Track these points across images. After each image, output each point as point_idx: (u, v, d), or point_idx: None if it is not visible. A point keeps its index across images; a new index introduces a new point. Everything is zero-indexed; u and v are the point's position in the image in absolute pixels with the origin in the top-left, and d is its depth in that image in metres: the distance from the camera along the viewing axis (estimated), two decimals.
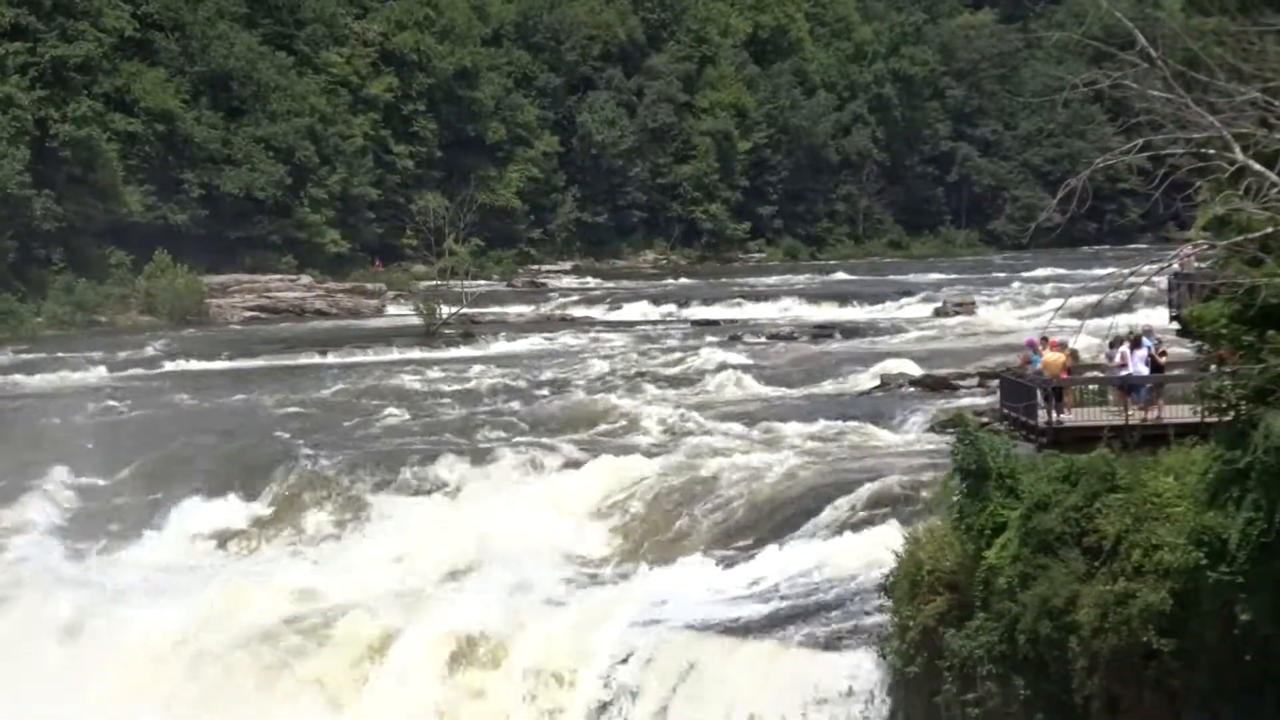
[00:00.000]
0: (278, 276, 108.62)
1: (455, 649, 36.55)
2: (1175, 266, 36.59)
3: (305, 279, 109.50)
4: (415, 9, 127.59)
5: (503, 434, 51.46)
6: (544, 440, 49.61)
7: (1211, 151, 24.94)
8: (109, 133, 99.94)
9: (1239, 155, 24.35)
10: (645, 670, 34.84)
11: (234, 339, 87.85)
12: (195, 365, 75.41)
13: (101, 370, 73.19)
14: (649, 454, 47.37)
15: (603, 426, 52.44)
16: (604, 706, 34.71)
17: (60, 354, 78.56)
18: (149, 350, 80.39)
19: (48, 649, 39.10)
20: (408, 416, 56.17)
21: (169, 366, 75.35)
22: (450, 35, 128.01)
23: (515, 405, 57.43)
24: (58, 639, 39.21)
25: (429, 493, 46.14)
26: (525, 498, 44.72)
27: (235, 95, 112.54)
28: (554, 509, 43.96)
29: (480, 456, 48.06)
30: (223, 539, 45.14)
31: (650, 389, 60.87)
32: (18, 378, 70.73)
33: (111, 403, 62.58)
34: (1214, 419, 27.90)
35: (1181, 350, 39.23)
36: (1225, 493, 26.38)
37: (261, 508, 46.36)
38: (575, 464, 46.48)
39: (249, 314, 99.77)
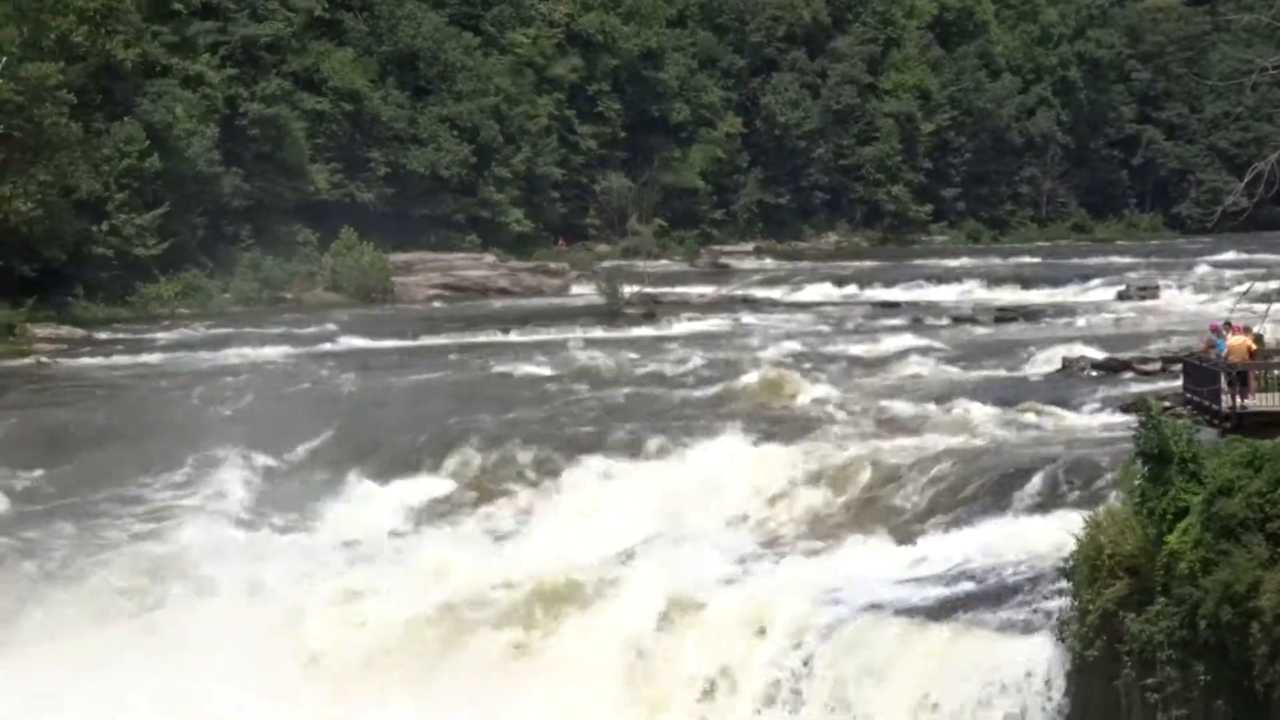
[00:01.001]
0: (462, 255, 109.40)
1: (641, 617, 36.99)
2: None
3: (489, 258, 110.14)
4: None
5: (688, 411, 51.61)
6: (728, 419, 49.70)
7: None
8: (297, 111, 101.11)
9: None
10: (822, 645, 35.06)
11: (419, 317, 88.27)
12: (381, 343, 75.63)
13: (286, 347, 73.73)
14: (831, 434, 47.28)
15: (785, 407, 52.46)
16: (779, 682, 34.97)
17: (247, 329, 79.30)
18: (333, 327, 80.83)
19: (235, 613, 39.72)
20: (591, 393, 56.25)
21: (355, 344, 75.65)
22: (635, 16, 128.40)
23: (699, 384, 57.38)
24: (246, 603, 39.71)
25: (615, 467, 46.13)
26: (709, 474, 44.81)
27: (422, 75, 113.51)
28: (738, 485, 44.08)
29: (666, 433, 48.19)
30: (402, 516, 45.44)
31: (832, 369, 60.89)
32: (204, 353, 71.48)
33: (298, 379, 63.05)
34: None
35: None
36: None
37: (441, 484, 46.58)
38: (759, 442, 46.33)
39: (433, 292, 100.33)
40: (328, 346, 74.77)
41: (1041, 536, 36.64)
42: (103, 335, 78.27)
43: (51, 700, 36.94)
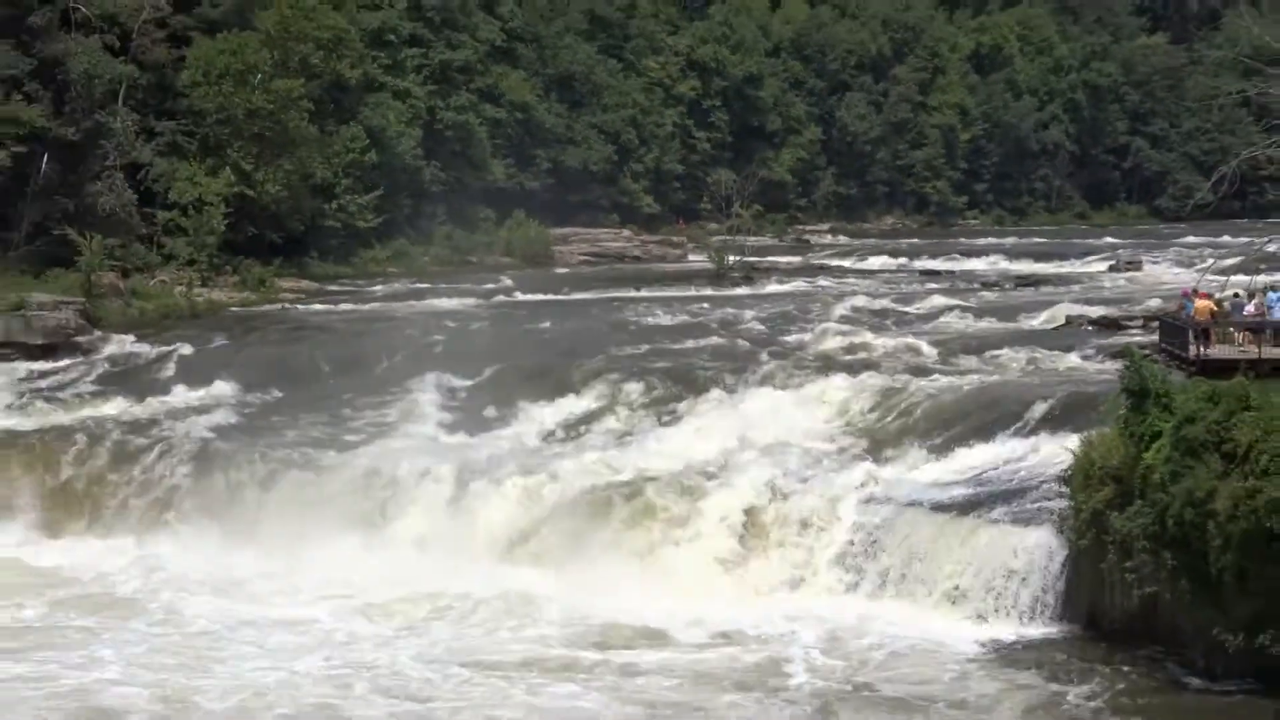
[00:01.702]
0: (605, 230, 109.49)
1: (735, 510, 37.17)
2: None
3: (626, 232, 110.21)
4: (715, 28, 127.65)
5: (774, 353, 51.65)
6: (805, 360, 49.77)
7: None
8: (481, 119, 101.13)
9: None
10: (876, 533, 35.25)
11: (571, 277, 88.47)
12: (542, 296, 75.96)
13: (471, 299, 74.05)
14: (885, 371, 47.43)
15: (851, 349, 52.53)
16: (840, 557, 35.32)
17: (440, 285, 79.79)
18: (507, 283, 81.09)
19: (437, 500, 40.22)
20: (700, 337, 56.33)
21: (522, 297, 75.99)
22: (740, 48, 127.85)
23: (784, 333, 57.47)
24: (446, 496, 40.15)
25: (713, 396, 46.24)
26: (789, 402, 44.89)
27: (576, 91, 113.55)
28: (812, 411, 44.16)
29: (755, 370, 48.18)
30: (562, 425, 45.81)
31: (887, 321, 60.92)
32: (410, 302, 71.96)
33: (473, 325, 63.08)
34: None
35: None
36: None
37: (595, 401, 46.84)
38: (830, 376, 46.45)
39: (582, 258, 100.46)
40: (502, 298, 75.31)
41: (1046, 452, 36.73)
42: (332, 288, 78.88)
43: (288, 573, 37.40)
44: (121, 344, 58.93)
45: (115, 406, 49.91)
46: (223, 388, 50.64)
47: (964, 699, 28.94)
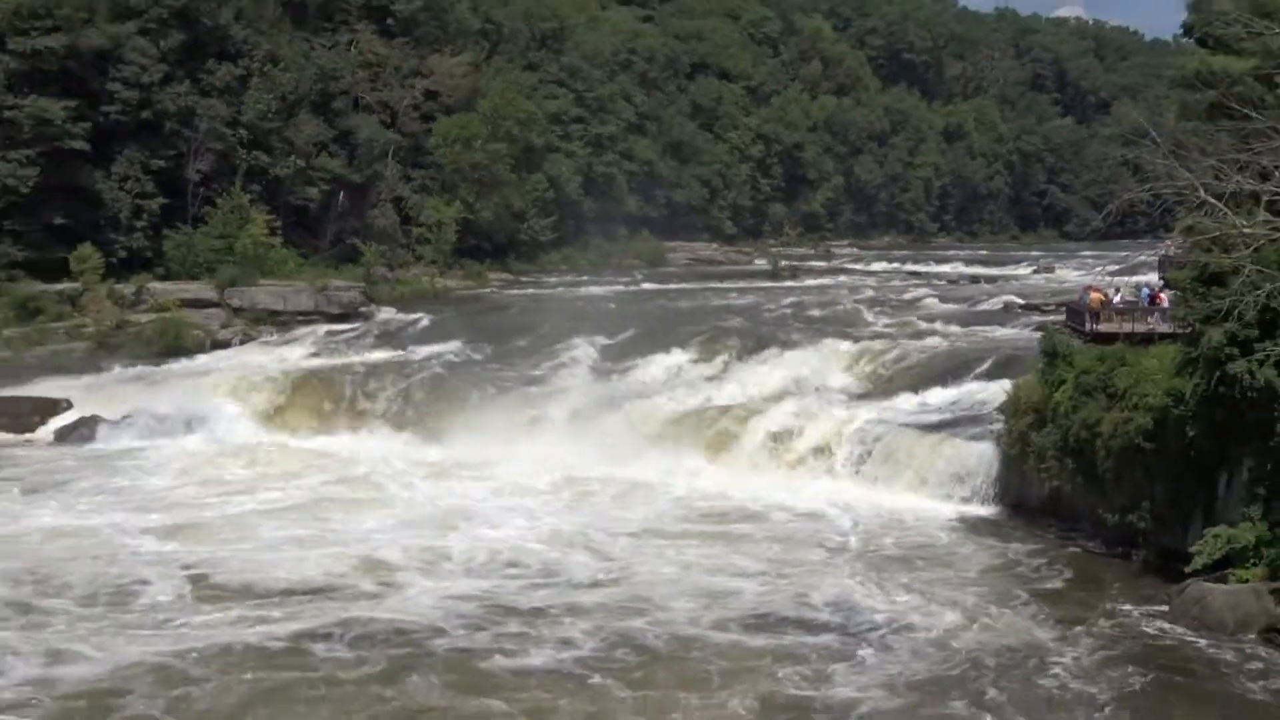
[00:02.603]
0: (699, 243, 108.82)
1: (779, 421, 36.93)
2: (1164, 251, 35.67)
3: (714, 245, 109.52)
4: (774, 112, 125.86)
5: (812, 324, 51.32)
6: (831, 328, 49.40)
7: (1187, 191, 24.07)
8: (621, 170, 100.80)
9: (1202, 194, 23.45)
10: (875, 444, 34.85)
11: (677, 274, 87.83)
12: (658, 286, 75.42)
13: (610, 287, 73.70)
14: (881, 336, 46.95)
15: (858, 322, 51.98)
16: (852, 451, 34.88)
17: (589, 278, 79.77)
18: (636, 277, 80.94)
19: (577, 411, 40.25)
20: (760, 314, 56.10)
21: (645, 287, 75.40)
22: (791, 125, 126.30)
23: (814, 311, 56.90)
24: (594, 414, 40.00)
25: (768, 352, 45.61)
26: (817, 358, 44.43)
27: (683, 153, 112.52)
28: (832, 364, 43.72)
29: (799, 334, 47.83)
30: (675, 370, 45.39)
31: (885, 303, 60.24)
32: (573, 289, 72.35)
33: (613, 303, 62.75)
34: (1181, 330, 27.00)
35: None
36: (1185, 369, 25.59)
37: (694, 354, 46.29)
38: (843, 340, 45.93)
39: (686, 262, 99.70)
40: (631, 288, 74.81)
41: (989, 392, 36.21)
42: (523, 279, 79.10)
43: (487, 466, 37.09)
44: (387, 314, 59.39)
45: (382, 353, 50.25)
46: (453, 342, 50.57)
47: (948, 548, 28.80)
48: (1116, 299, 36.93)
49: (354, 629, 22.99)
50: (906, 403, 38.41)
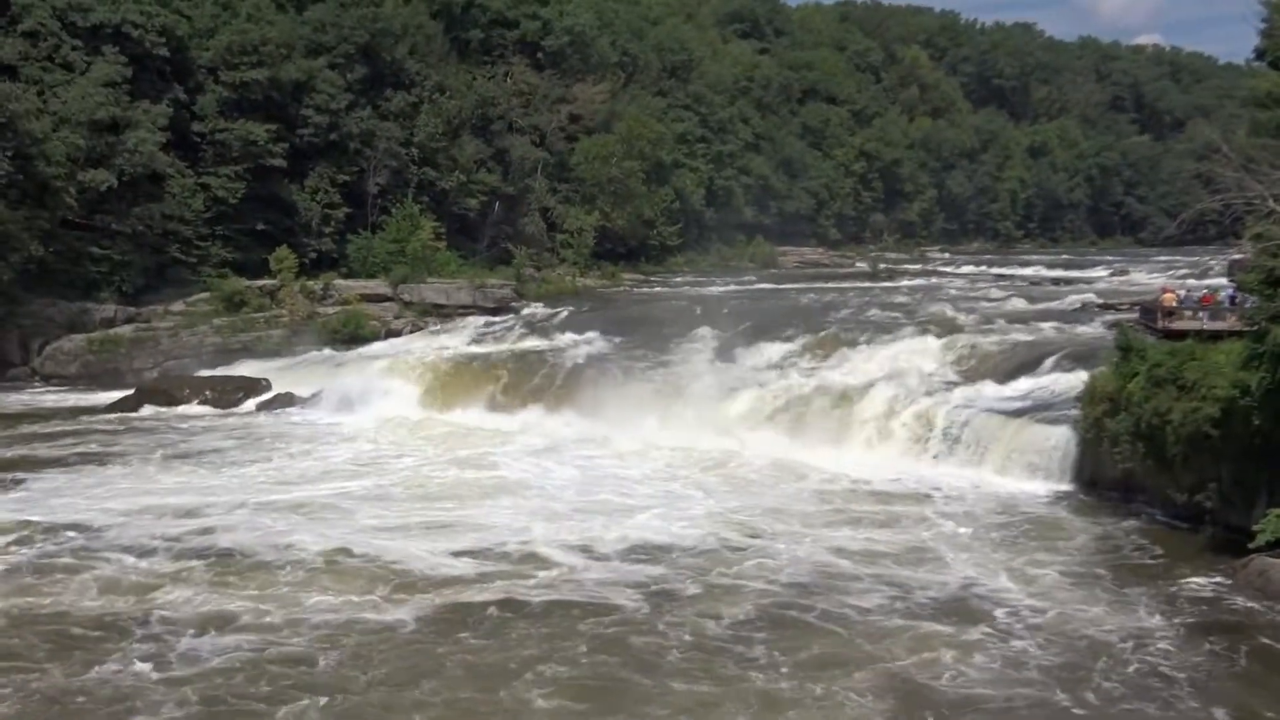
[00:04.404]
0: (808, 248, 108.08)
1: (881, 405, 36.44)
2: (1234, 256, 34.46)
3: (821, 250, 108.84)
4: (875, 132, 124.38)
5: (904, 318, 50.46)
6: (926, 324, 48.50)
7: (1256, 201, 23.30)
8: (739, 184, 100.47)
9: (1270, 203, 22.70)
10: (964, 428, 34.28)
11: (788, 275, 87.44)
12: (772, 286, 74.83)
13: (730, 287, 73.49)
14: (970, 331, 45.89)
15: (948, 318, 50.84)
16: (946, 432, 34.29)
17: (711, 278, 79.61)
18: (751, 278, 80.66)
19: (701, 392, 40.19)
20: (862, 310, 55.12)
21: (758, 286, 74.99)
22: (890, 143, 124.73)
23: (912, 307, 55.93)
24: (714, 395, 39.85)
25: (868, 342, 44.97)
26: (912, 349, 43.69)
27: (794, 168, 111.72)
28: (926, 355, 42.95)
29: (896, 329, 46.90)
30: (783, 358, 44.99)
31: (973, 303, 58.95)
32: (696, 289, 72.03)
33: (732, 300, 62.48)
34: (1249, 329, 26.13)
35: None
36: (1251, 363, 24.77)
37: (799, 345, 45.84)
38: (938, 335, 44.92)
39: (795, 265, 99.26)
40: (747, 287, 74.45)
41: (1068, 381, 35.34)
42: (653, 278, 79.49)
43: (626, 427, 37.75)
44: (535, 308, 59.88)
45: (531, 343, 50.66)
46: (590, 333, 50.83)
47: (1034, 521, 28.14)
48: (1183, 295, 35.89)
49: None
50: (993, 390, 37.55)
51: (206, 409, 43.04)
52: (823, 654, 19.57)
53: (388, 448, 36.08)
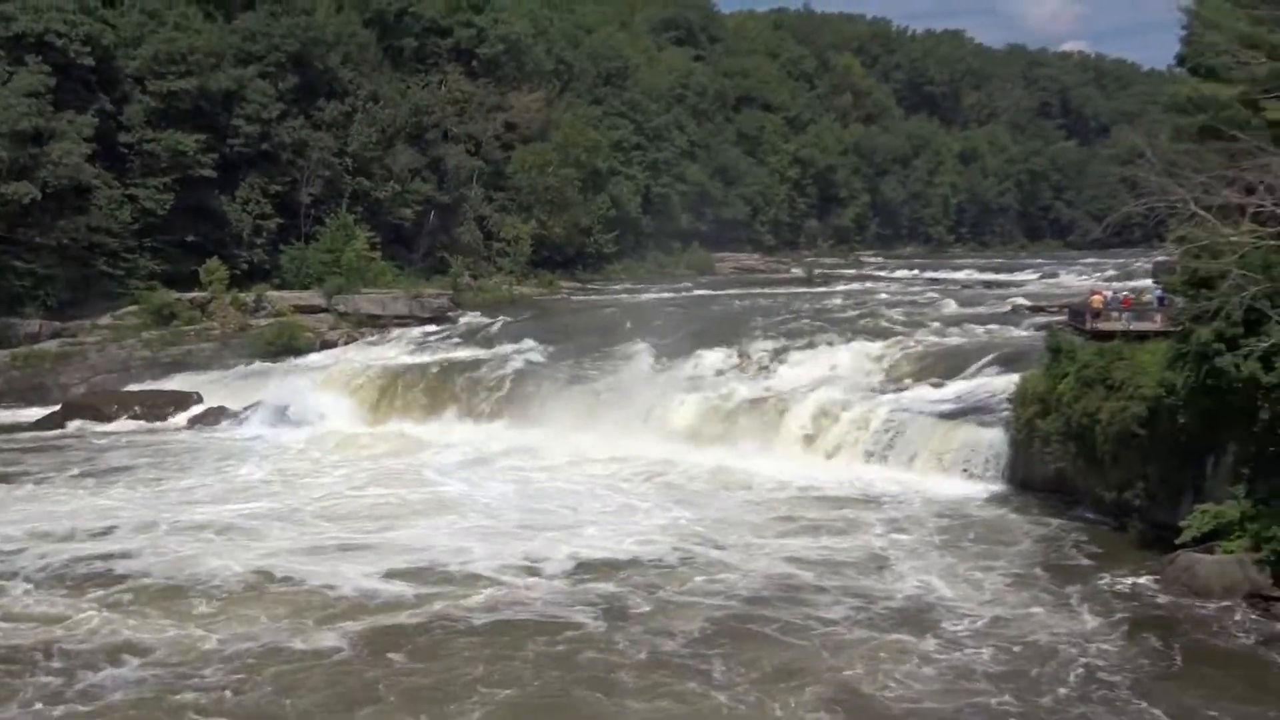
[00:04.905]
0: (744, 254, 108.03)
1: (815, 411, 36.63)
2: (1159, 258, 35.05)
3: (756, 256, 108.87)
4: (810, 139, 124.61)
5: (842, 324, 50.65)
6: (859, 328, 48.77)
7: (1179, 205, 23.67)
8: (675, 192, 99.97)
9: (1193, 207, 23.06)
10: (897, 430, 34.48)
11: (724, 281, 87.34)
12: (708, 292, 74.87)
13: (665, 294, 73.26)
14: (900, 335, 46.19)
15: (882, 322, 51.14)
16: (879, 436, 34.47)
17: (646, 285, 79.29)
18: (687, 285, 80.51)
19: (638, 401, 40.00)
20: (797, 316, 55.18)
21: (695, 293, 74.90)
22: (825, 149, 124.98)
23: (844, 313, 56.14)
24: (652, 404, 39.73)
25: (804, 348, 45.04)
26: (848, 354, 43.91)
27: (729, 175, 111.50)
28: (860, 360, 43.17)
29: (831, 334, 46.98)
30: (719, 365, 44.89)
31: (904, 306, 59.41)
32: (633, 295, 71.98)
33: (669, 308, 62.29)
34: (1174, 329, 26.53)
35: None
36: (1177, 363, 25.14)
37: (735, 352, 45.62)
38: (870, 339, 45.33)
39: (731, 271, 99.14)
40: (684, 294, 74.39)
41: (1000, 383, 35.65)
42: (590, 286, 79.11)
43: (563, 438, 37.49)
44: (471, 317, 59.50)
45: (467, 353, 50.17)
46: (527, 342, 50.32)
47: (977, 518, 28.62)
48: (1109, 296, 36.38)
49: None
50: (927, 393, 37.87)
51: (136, 424, 42.20)
52: (779, 668, 19.14)
53: (319, 463, 35.56)
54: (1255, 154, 22.37)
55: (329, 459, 36.07)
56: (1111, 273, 76.36)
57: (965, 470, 31.93)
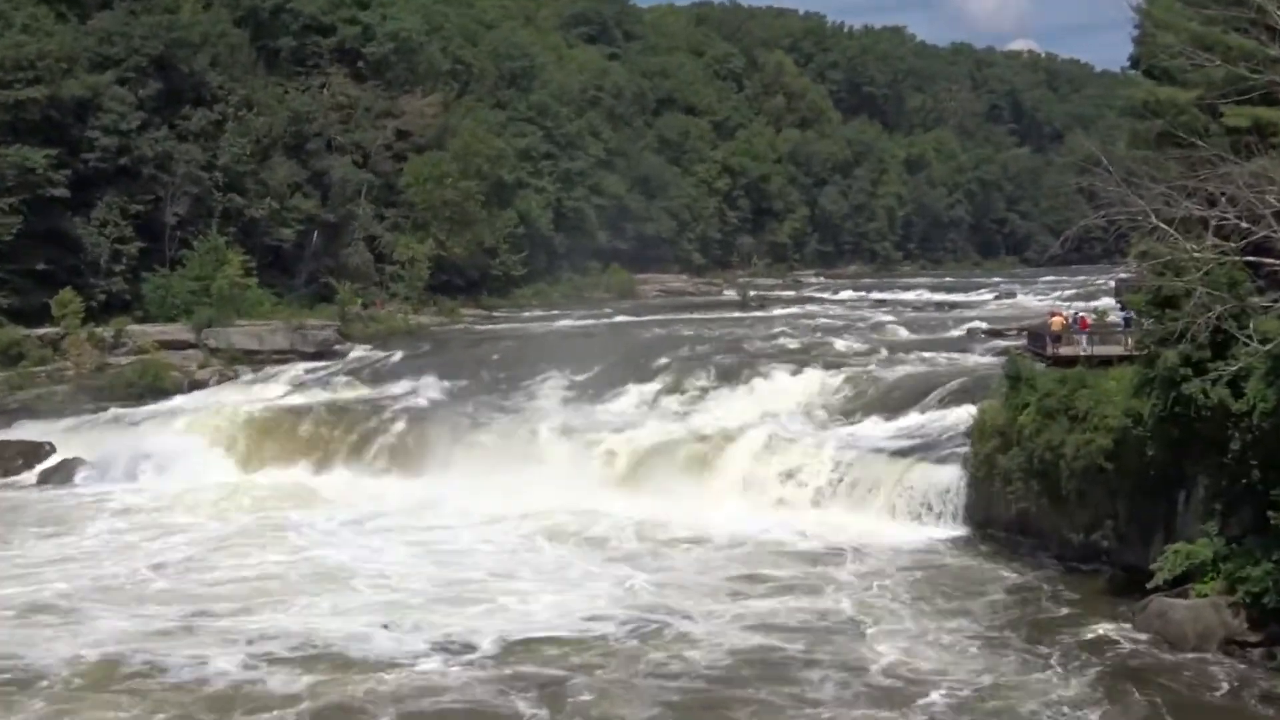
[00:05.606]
0: (670, 275, 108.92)
1: (757, 449, 36.97)
2: (1121, 275, 36.06)
3: (683, 277, 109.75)
4: (740, 145, 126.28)
5: (780, 352, 51.05)
6: (801, 356, 49.18)
7: (1139, 218, 24.38)
8: (591, 205, 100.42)
9: (1154, 220, 23.76)
10: (845, 469, 34.89)
11: (648, 306, 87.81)
12: (631, 318, 74.80)
13: (584, 321, 73.49)
14: (850, 363, 46.85)
15: (826, 350, 51.71)
16: (828, 478, 34.86)
17: (562, 311, 79.52)
18: (607, 310, 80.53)
19: (553, 446, 40.01)
20: (731, 344, 55.51)
21: (616, 319, 74.78)
22: (757, 157, 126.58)
23: (783, 341, 56.62)
24: (570, 447, 39.85)
25: (740, 381, 45.46)
26: (786, 386, 44.29)
27: (651, 186, 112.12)
28: (802, 393, 43.55)
29: (769, 363, 47.45)
30: (647, 401, 45.15)
31: (852, 329, 60.31)
32: (546, 323, 71.97)
33: (586, 337, 62.51)
34: (1139, 352, 27.26)
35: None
36: (1143, 390, 25.81)
37: (665, 385, 45.93)
38: (815, 369, 45.77)
39: (657, 294, 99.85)
40: (603, 321, 74.42)
41: (955, 416, 36.28)
42: (496, 314, 79.11)
43: (469, 491, 37.05)
44: (361, 351, 59.00)
45: (357, 392, 49.75)
46: (426, 378, 49.84)
47: (944, 568, 29.04)
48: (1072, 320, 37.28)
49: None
50: (876, 428, 38.35)
51: None
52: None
53: (183, 524, 34.63)
54: (1215, 163, 23.11)
55: (194, 519, 35.34)
56: (1072, 292, 78.25)
57: (921, 512, 32.32)
